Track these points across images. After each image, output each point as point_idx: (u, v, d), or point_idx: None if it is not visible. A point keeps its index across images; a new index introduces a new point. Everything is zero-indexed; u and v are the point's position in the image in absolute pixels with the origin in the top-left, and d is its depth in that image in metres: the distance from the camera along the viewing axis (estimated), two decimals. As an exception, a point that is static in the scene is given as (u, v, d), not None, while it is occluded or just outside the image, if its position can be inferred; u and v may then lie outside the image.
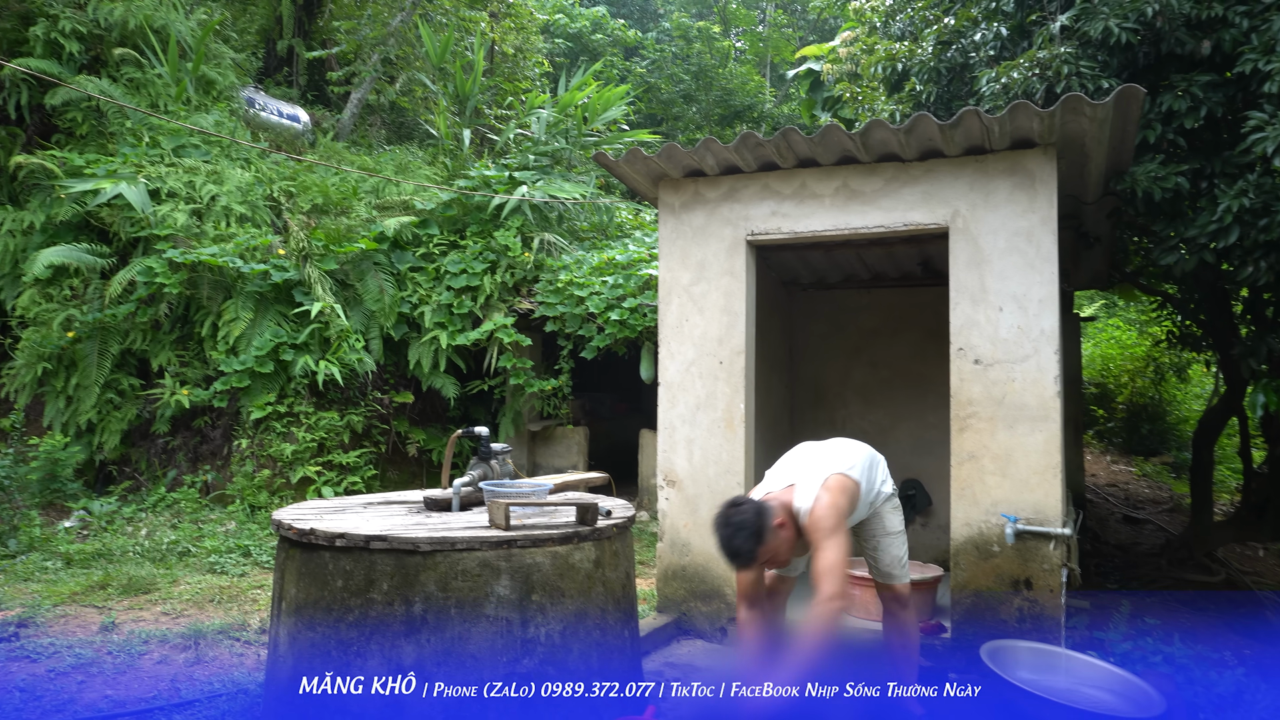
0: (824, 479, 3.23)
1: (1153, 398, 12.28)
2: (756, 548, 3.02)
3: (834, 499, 3.16)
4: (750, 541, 3.01)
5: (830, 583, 3.01)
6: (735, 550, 3.04)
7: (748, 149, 4.54)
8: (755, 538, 3.02)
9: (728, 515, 3.07)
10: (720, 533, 3.07)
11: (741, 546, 3.02)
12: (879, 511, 3.52)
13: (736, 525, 3.03)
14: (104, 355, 7.77)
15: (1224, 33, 4.53)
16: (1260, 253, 4.39)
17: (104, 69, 9.25)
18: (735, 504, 3.11)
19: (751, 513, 3.05)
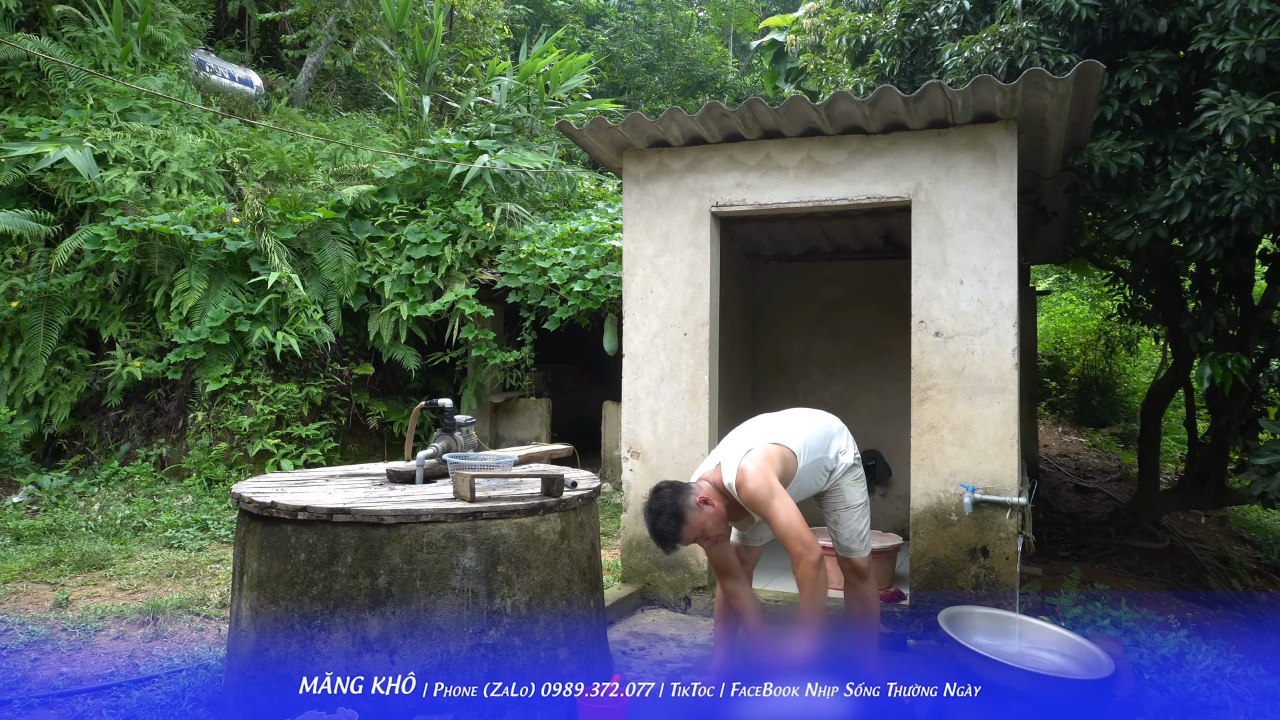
0: (745, 451, 3.24)
1: (1103, 370, 12.60)
2: (679, 528, 3.11)
3: (758, 467, 3.16)
4: (671, 523, 3.10)
5: (795, 543, 3.06)
6: (660, 533, 3.14)
7: (713, 119, 4.52)
8: (675, 519, 3.10)
9: (649, 502, 3.19)
10: (646, 520, 3.18)
11: (665, 529, 3.11)
12: (839, 484, 3.48)
13: (657, 510, 3.13)
14: (51, 326, 7.53)
15: (1180, 10, 4.59)
16: (1210, 228, 4.50)
17: (43, 27, 8.88)
18: (657, 490, 3.21)
19: (668, 496, 3.15)
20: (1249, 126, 4.09)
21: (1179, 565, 6.72)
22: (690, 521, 3.12)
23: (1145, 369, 12.94)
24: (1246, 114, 4.10)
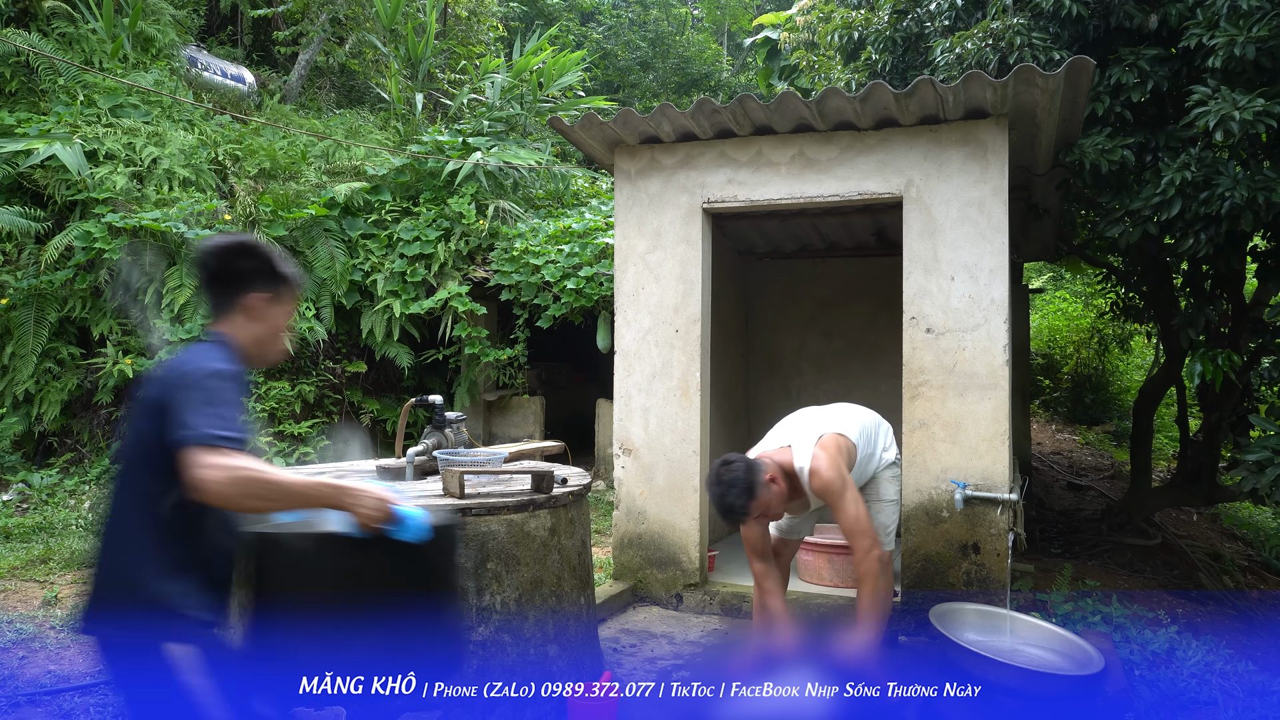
0: (818, 438, 3.30)
1: (1096, 368, 12.63)
2: (749, 503, 3.08)
3: (831, 457, 3.25)
4: (742, 497, 3.06)
5: (863, 537, 3.15)
6: (729, 506, 3.09)
7: (704, 115, 4.51)
8: (747, 493, 3.07)
9: (719, 473, 3.11)
10: (713, 490, 3.11)
11: (734, 502, 3.07)
12: (878, 477, 3.61)
13: (728, 482, 3.07)
14: (41, 323, 7.50)
15: (1170, 7, 4.60)
16: (1200, 225, 4.51)
17: (33, 23, 8.84)
18: (727, 462, 3.14)
19: (742, 469, 3.09)
20: (1239, 123, 4.10)
21: (1171, 562, 6.73)
22: (759, 497, 3.11)
23: (1138, 367, 12.98)
24: (1236, 110, 4.10)
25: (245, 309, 2.03)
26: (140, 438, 1.88)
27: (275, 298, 2.07)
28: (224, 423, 1.78)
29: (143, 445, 1.87)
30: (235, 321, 2.03)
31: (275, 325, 2.09)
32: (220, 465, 1.72)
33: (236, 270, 2.02)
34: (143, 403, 1.90)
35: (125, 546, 1.86)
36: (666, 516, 4.76)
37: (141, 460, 1.88)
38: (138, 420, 1.90)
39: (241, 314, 2.03)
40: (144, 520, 1.86)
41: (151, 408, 1.85)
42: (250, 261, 2.04)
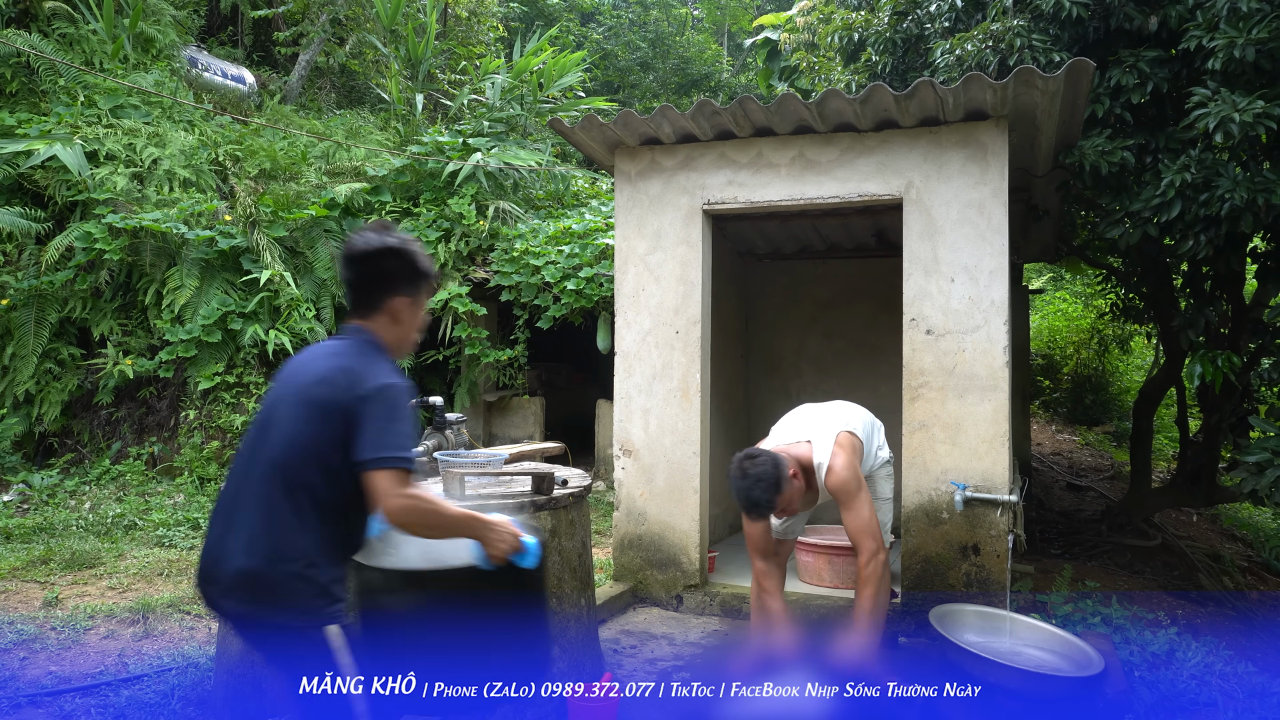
0: (836, 436, 3.32)
1: (1096, 369, 12.63)
2: (774, 497, 3.08)
3: (849, 456, 3.27)
4: (769, 491, 3.07)
5: (870, 539, 3.17)
6: (754, 500, 3.08)
7: (704, 117, 4.51)
8: (774, 488, 3.07)
9: (745, 466, 3.10)
10: (738, 483, 3.10)
11: (760, 497, 3.07)
12: (874, 475, 3.63)
13: (755, 476, 3.07)
14: (41, 324, 7.51)
15: (1170, 9, 4.60)
16: (1200, 226, 4.51)
17: (34, 23, 8.85)
18: (752, 455, 3.14)
19: (769, 464, 3.09)
20: (1239, 125, 4.10)
21: (1171, 563, 6.73)
22: (784, 492, 3.11)
23: (1138, 367, 12.98)
24: (1236, 112, 4.10)
25: (390, 312, 2.10)
26: (312, 434, 1.96)
27: (416, 301, 2.14)
28: (405, 443, 1.93)
29: (315, 442, 1.95)
30: (379, 321, 2.10)
31: (414, 325, 2.17)
32: (407, 496, 1.90)
33: (384, 272, 2.08)
34: (311, 400, 1.98)
35: (286, 534, 1.93)
36: (667, 518, 4.76)
37: (312, 455, 1.96)
38: (306, 415, 1.97)
39: (386, 315, 2.10)
40: (311, 511, 1.95)
41: (329, 410, 1.95)
42: (397, 264, 2.09)
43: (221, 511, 2.03)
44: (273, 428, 2.02)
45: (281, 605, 1.93)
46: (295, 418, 1.99)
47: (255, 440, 2.05)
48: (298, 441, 1.98)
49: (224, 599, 1.97)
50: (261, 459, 2.00)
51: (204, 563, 2.01)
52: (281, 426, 2.00)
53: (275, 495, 1.96)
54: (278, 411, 2.04)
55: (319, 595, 1.95)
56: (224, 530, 1.99)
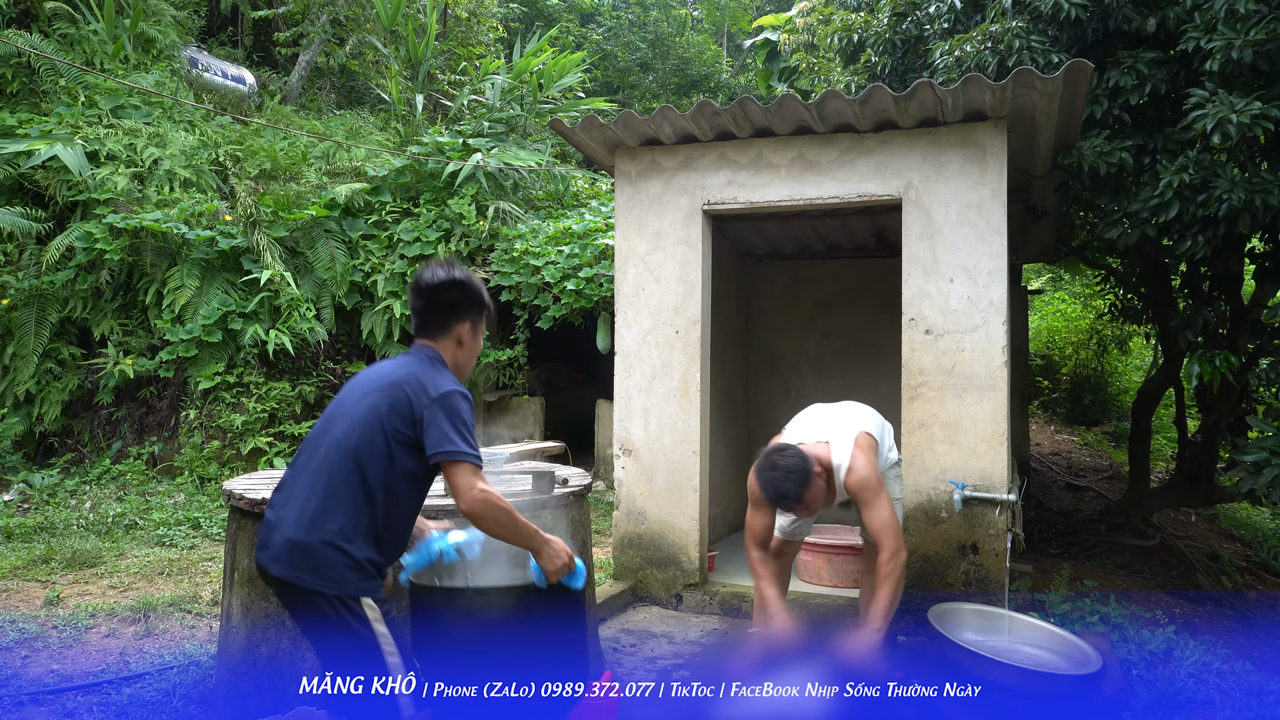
0: (855, 437, 3.34)
1: (1095, 369, 12.65)
2: (803, 491, 3.11)
3: (869, 457, 3.31)
4: (799, 484, 3.09)
5: (894, 537, 3.20)
6: (784, 492, 3.10)
7: (704, 118, 4.53)
8: (803, 481, 3.10)
9: (775, 459, 3.13)
10: (767, 474, 3.12)
11: (790, 489, 3.09)
12: (885, 476, 3.63)
13: (786, 469, 3.10)
14: (42, 324, 7.52)
15: (1168, 10, 4.62)
16: (1198, 227, 4.53)
17: (34, 23, 8.86)
18: (781, 450, 3.16)
19: (798, 458, 3.12)
20: (1236, 126, 4.12)
21: (1169, 563, 6.75)
22: (811, 488, 3.14)
23: (1137, 368, 13.00)
24: (1234, 113, 4.12)
25: (455, 337, 2.37)
26: (374, 425, 2.18)
27: (477, 329, 2.41)
28: (475, 442, 2.19)
29: (375, 432, 2.17)
30: (444, 345, 2.37)
31: (474, 349, 2.43)
32: (485, 491, 2.15)
33: (452, 302, 2.35)
34: (380, 392, 2.21)
35: (330, 509, 2.15)
36: (666, 517, 4.78)
37: (368, 443, 2.17)
38: (371, 406, 2.20)
39: (451, 340, 2.37)
40: (359, 493, 2.16)
41: (396, 405, 2.18)
42: (462, 294, 2.36)
43: (283, 488, 2.26)
44: (339, 417, 2.25)
45: (317, 573, 2.11)
46: (361, 408, 2.21)
47: (321, 428, 2.28)
48: (358, 429, 2.19)
49: (272, 564, 2.16)
50: (324, 443, 2.23)
51: (262, 533, 2.23)
52: (347, 416, 2.23)
53: (328, 475, 2.17)
54: (344, 404, 2.28)
55: (352, 568, 2.13)
56: (281, 504, 2.22)
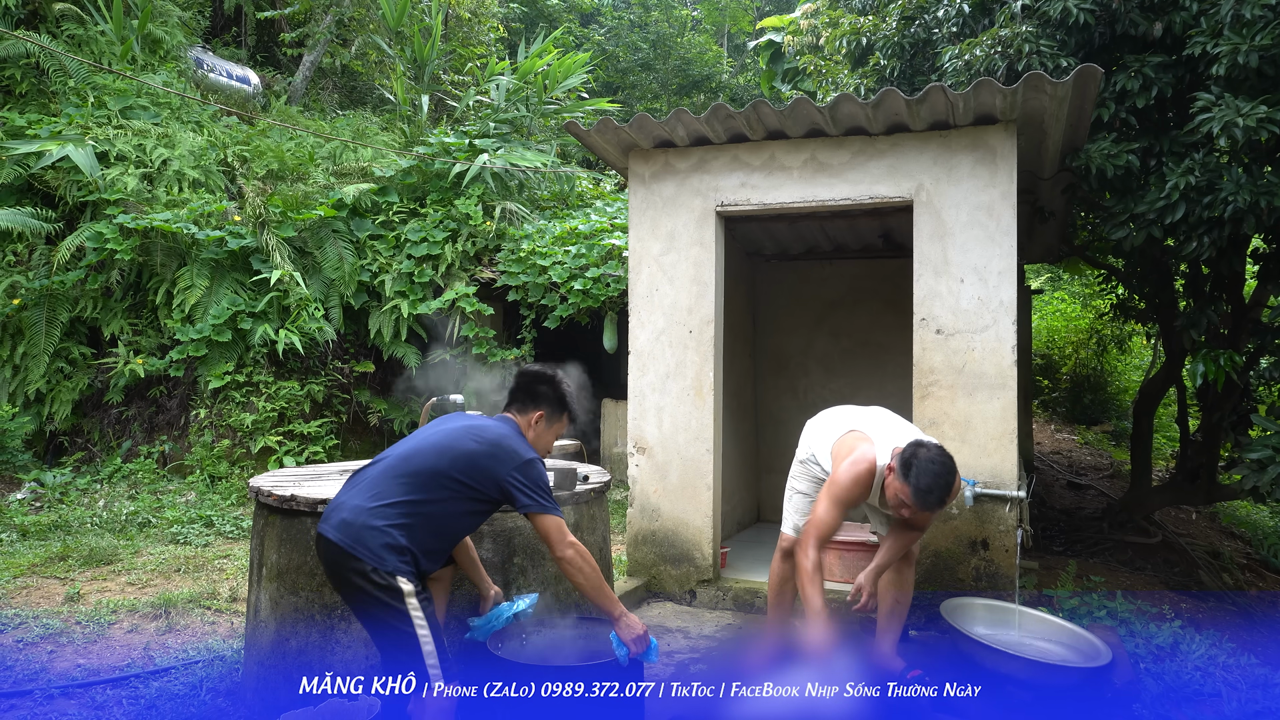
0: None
1: (1095, 369, 12.73)
2: (948, 495, 3.12)
3: None
4: (949, 490, 3.10)
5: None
6: (941, 490, 3.08)
7: (718, 120, 4.59)
8: (949, 488, 3.11)
9: (943, 458, 3.12)
10: (935, 470, 3.08)
11: (944, 494, 3.09)
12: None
13: (952, 470, 3.11)
14: (52, 323, 7.55)
15: (1175, 15, 4.68)
16: (1204, 229, 4.60)
17: (43, 25, 8.89)
18: (941, 449, 3.16)
19: (952, 460, 3.14)
20: (1242, 129, 4.19)
21: (1171, 560, 6.82)
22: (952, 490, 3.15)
23: (1136, 367, 13.08)
24: (1240, 117, 4.19)
25: (530, 419, 2.83)
26: (446, 455, 2.62)
27: (551, 425, 2.86)
28: (558, 504, 2.70)
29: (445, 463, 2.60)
30: (522, 421, 2.83)
31: (544, 441, 2.87)
32: (576, 545, 2.66)
33: (537, 392, 2.85)
34: (460, 433, 2.68)
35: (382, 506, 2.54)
36: (680, 514, 4.84)
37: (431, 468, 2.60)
38: (448, 440, 2.66)
39: (526, 420, 2.83)
40: (409, 505, 2.56)
41: (473, 453, 2.62)
42: (547, 390, 2.86)
43: (350, 481, 2.70)
44: (417, 439, 2.72)
45: (359, 545, 2.47)
46: (438, 439, 2.67)
47: (401, 443, 2.74)
48: (428, 454, 2.63)
49: (324, 525, 2.57)
50: (395, 455, 2.67)
51: (328, 508, 2.64)
52: (423, 439, 2.69)
53: (390, 482, 2.59)
54: (427, 431, 2.76)
55: (390, 549, 2.48)
56: (346, 492, 2.65)
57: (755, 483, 6.89)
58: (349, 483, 2.71)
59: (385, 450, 2.73)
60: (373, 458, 2.77)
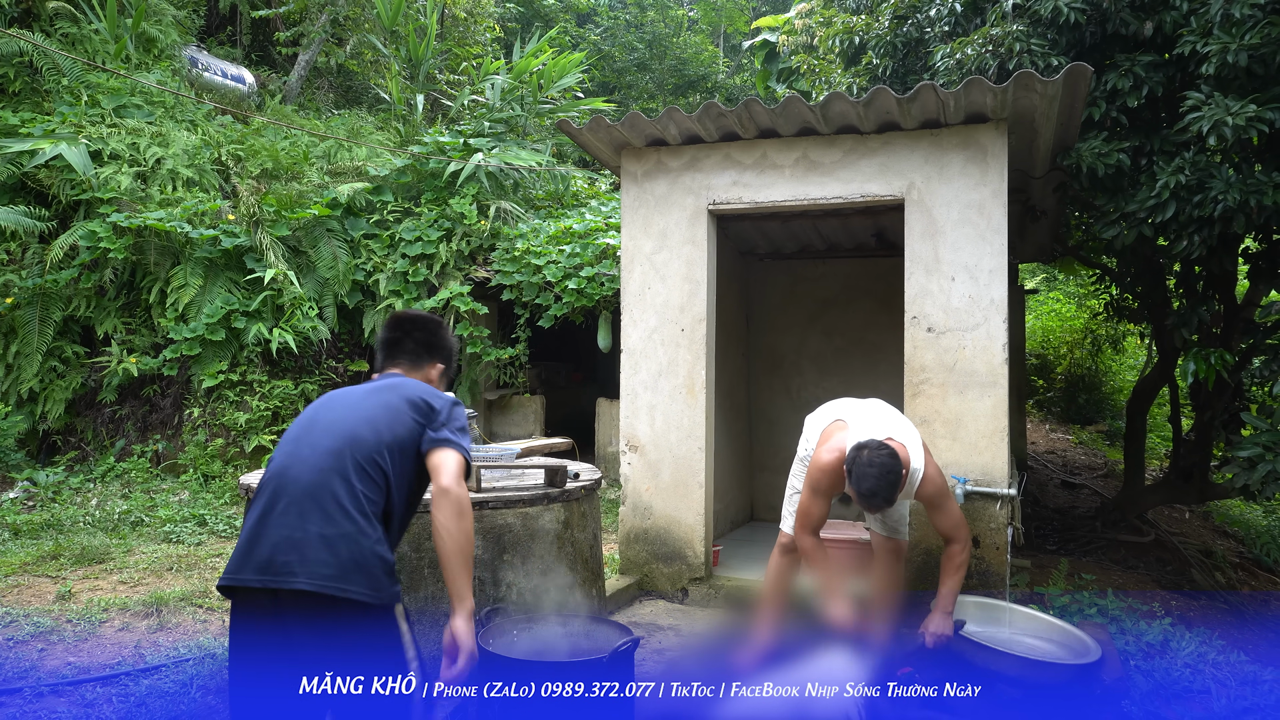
0: (922, 442, 3.45)
1: (1089, 368, 12.76)
2: (894, 494, 3.17)
3: (936, 465, 3.45)
4: (894, 488, 3.15)
5: (965, 532, 3.43)
6: (879, 492, 3.13)
7: (710, 119, 4.60)
8: (897, 484, 3.15)
9: (876, 458, 3.14)
10: (871, 472, 3.12)
11: (887, 493, 3.14)
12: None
13: (886, 469, 3.13)
14: (45, 322, 7.54)
15: (1165, 14, 4.70)
16: (1194, 227, 4.61)
17: (36, 23, 8.88)
18: (880, 448, 3.17)
19: (896, 459, 3.16)
20: (1231, 128, 4.20)
21: (1164, 559, 6.84)
22: (901, 488, 3.20)
23: (1131, 367, 13.11)
24: (1229, 116, 4.21)
25: (428, 374, 2.56)
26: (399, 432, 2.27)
27: (443, 379, 2.63)
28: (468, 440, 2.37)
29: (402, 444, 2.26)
30: (420, 378, 2.52)
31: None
32: (465, 493, 2.23)
33: (433, 344, 2.58)
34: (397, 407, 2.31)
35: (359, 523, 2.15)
36: (672, 512, 4.84)
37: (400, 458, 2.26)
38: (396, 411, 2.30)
39: (424, 376, 2.54)
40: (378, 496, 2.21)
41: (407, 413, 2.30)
42: (442, 339, 2.61)
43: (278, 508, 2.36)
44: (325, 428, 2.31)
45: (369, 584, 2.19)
46: (357, 419, 2.30)
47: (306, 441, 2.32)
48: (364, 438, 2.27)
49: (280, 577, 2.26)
50: (317, 454, 2.28)
51: (267, 556, 2.33)
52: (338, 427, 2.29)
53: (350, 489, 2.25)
54: (329, 420, 2.33)
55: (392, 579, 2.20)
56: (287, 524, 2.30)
57: (748, 481, 6.90)
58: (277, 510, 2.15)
59: (279, 452, 2.27)
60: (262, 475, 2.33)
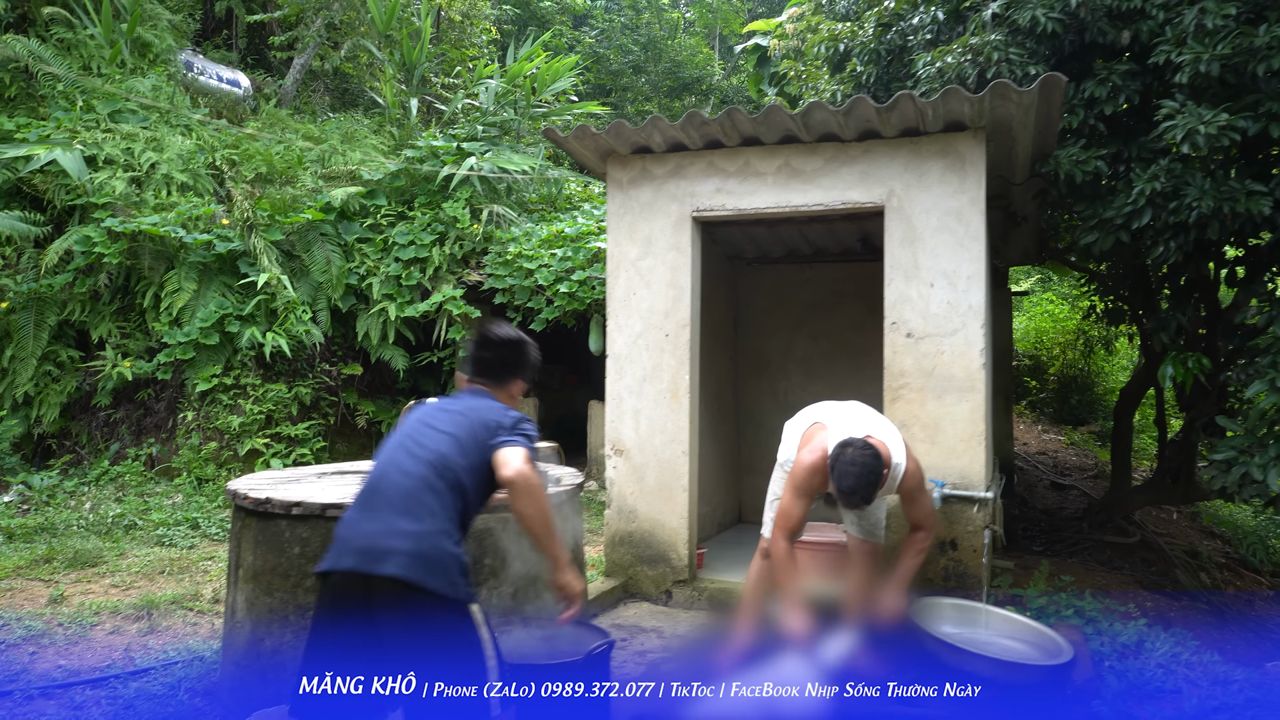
0: (902, 439, 3.54)
1: (1082, 370, 12.81)
2: (874, 492, 3.26)
3: (916, 459, 3.56)
4: (874, 485, 3.23)
5: (934, 521, 3.59)
6: (858, 490, 3.21)
7: (694, 127, 4.66)
8: (877, 482, 3.25)
9: (857, 456, 3.22)
10: (850, 470, 3.21)
11: (867, 491, 3.22)
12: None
13: (867, 467, 3.21)
14: (40, 326, 7.60)
15: (1142, 24, 4.76)
16: (1170, 234, 4.68)
17: (31, 28, 8.93)
18: (862, 446, 3.25)
19: (877, 457, 3.24)
20: (1204, 136, 4.26)
21: (1149, 559, 6.90)
22: (881, 486, 3.29)
23: (1123, 368, 13.16)
24: (1202, 124, 4.27)
25: (510, 392, 2.66)
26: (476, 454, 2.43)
27: (521, 396, 2.71)
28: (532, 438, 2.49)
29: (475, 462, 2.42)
30: (502, 396, 2.64)
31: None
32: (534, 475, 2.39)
33: (517, 363, 2.66)
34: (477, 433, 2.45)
35: (444, 526, 2.33)
36: (657, 515, 4.91)
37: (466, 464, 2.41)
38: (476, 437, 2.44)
39: (507, 394, 2.65)
40: (459, 507, 2.39)
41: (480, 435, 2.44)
42: (527, 358, 2.69)
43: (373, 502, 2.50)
44: (428, 442, 2.47)
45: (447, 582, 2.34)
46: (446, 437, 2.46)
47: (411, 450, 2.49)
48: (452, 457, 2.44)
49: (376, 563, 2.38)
50: (422, 463, 2.44)
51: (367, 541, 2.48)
52: (434, 442, 2.46)
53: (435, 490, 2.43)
54: (427, 432, 2.50)
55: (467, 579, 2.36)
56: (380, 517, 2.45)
57: (735, 484, 6.96)
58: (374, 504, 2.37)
59: (383, 458, 2.45)
60: (368, 469, 2.50)
